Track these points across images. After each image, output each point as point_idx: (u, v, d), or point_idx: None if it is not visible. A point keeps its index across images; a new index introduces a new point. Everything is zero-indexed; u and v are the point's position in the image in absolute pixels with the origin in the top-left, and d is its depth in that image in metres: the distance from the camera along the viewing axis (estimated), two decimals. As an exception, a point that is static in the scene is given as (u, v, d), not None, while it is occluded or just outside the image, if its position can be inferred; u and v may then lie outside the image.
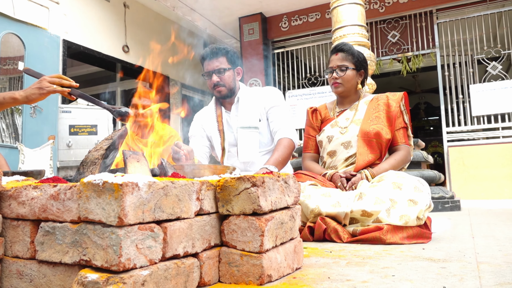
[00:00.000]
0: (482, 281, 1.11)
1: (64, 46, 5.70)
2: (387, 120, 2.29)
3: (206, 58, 2.50)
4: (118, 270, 0.86)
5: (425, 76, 9.79)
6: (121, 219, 0.86)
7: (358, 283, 1.12)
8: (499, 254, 1.51)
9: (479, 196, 5.94)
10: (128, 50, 7.07)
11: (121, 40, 6.97)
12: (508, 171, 5.86)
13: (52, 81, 1.79)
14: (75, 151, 5.47)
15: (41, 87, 1.79)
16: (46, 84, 1.79)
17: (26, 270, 1.00)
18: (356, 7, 4.44)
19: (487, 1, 6.37)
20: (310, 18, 7.42)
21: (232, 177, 1.17)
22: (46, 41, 5.36)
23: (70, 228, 0.94)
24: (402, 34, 6.85)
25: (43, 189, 0.99)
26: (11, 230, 1.04)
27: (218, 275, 1.16)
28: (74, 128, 5.47)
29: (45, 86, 1.79)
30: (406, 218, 1.83)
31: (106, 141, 1.43)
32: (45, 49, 5.34)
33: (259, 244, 1.11)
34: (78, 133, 5.49)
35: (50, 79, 1.80)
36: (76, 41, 5.98)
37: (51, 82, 1.79)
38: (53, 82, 1.79)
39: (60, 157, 5.34)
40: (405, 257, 1.50)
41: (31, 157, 4.41)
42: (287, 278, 1.20)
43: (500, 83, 6.12)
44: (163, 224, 0.98)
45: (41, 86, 1.79)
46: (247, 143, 2.51)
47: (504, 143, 5.96)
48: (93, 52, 6.36)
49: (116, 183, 0.87)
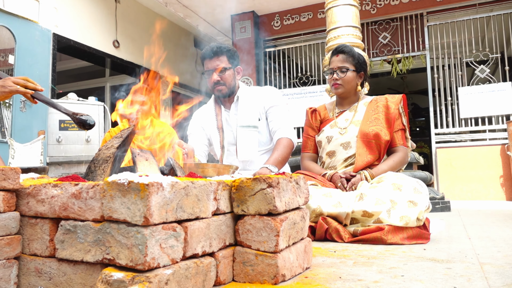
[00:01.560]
0: (489, 282, 1.14)
1: (54, 40, 5.63)
2: (386, 122, 2.33)
3: (207, 56, 2.50)
4: (143, 269, 0.87)
5: (413, 77, 9.92)
6: (146, 219, 0.87)
7: (370, 283, 1.15)
8: (499, 255, 1.55)
9: (465, 197, 6.06)
10: (118, 45, 7.01)
11: (111, 35, 6.90)
12: (493, 173, 5.99)
13: (16, 82, 1.76)
14: (65, 146, 5.40)
15: (4, 85, 1.75)
16: (9, 83, 1.76)
17: (45, 268, 1.00)
18: (351, 8, 4.48)
19: (476, 5, 6.48)
20: (302, 18, 7.45)
21: (247, 177, 1.18)
22: (37, 34, 5.28)
23: (93, 227, 0.94)
24: (393, 35, 6.93)
25: (64, 187, 0.99)
26: (29, 228, 1.04)
27: (232, 274, 1.18)
28: (64, 124, 5.40)
29: (8, 85, 1.75)
30: (406, 219, 1.87)
31: (116, 139, 1.42)
32: (36, 43, 5.26)
33: (274, 244, 1.13)
34: (68, 129, 5.42)
35: (15, 79, 1.77)
36: (66, 35, 5.90)
37: (15, 82, 1.75)
38: (17, 83, 1.76)
39: (50, 153, 5.27)
40: (408, 257, 1.53)
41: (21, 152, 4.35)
42: (299, 277, 1.22)
43: (487, 86, 6.24)
44: (184, 223, 0.99)
45: (3, 85, 1.75)
46: (247, 142, 2.52)
47: (490, 145, 6.08)
48: (83, 46, 6.29)
49: (142, 183, 0.88)
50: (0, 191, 0.99)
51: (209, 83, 2.52)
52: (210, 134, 2.64)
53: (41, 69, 5.36)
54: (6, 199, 1.00)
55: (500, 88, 6.15)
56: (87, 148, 5.54)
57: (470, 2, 6.49)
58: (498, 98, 6.15)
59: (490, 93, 6.20)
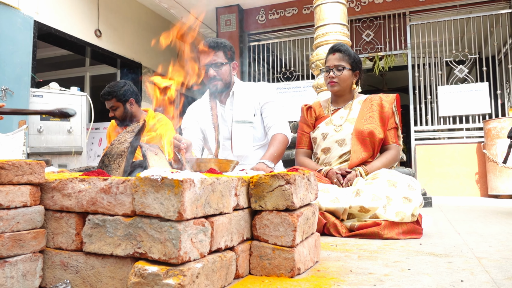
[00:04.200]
0: (491, 275, 1.21)
1: (35, 28, 5.49)
2: (380, 120, 2.40)
3: (204, 51, 2.51)
4: (177, 263, 0.89)
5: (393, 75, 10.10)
6: (180, 214, 0.89)
7: (381, 275, 1.20)
8: (492, 250, 1.63)
9: (443, 193, 6.25)
10: (100, 35, 6.88)
11: (93, 24, 6.78)
12: (469, 170, 6.20)
13: None
14: (46, 137, 5.30)
15: None
16: None
17: (71, 262, 1.01)
18: (339, 6, 4.54)
19: (457, 6, 6.66)
20: (287, 13, 7.48)
21: (265, 174, 1.21)
22: (19, 21, 5.14)
23: (123, 221, 0.96)
24: (376, 33, 7.04)
25: (92, 182, 1.00)
26: (53, 221, 1.04)
27: (248, 267, 1.21)
28: (45, 114, 5.29)
29: None
30: (402, 215, 1.94)
31: (128, 133, 1.43)
32: (18, 30, 5.12)
33: (291, 239, 1.17)
34: (50, 119, 5.31)
35: None
36: (47, 22, 5.77)
37: None
38: None
39: (31, 143, 5.16)
40: (408, 251, 1.60)
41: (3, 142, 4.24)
42: (311, 270, 1.27)
43: (466, 86, 6.43)
44: (210, 218, 1.02)
45: None
46: (242, 137, 2.55)
47: (467, 143, 6.28)
48: (64, 35, 6.16)
49: (176, 179, 0.90)
50: (27, 185, 0.99)
51: (206, 78, 2.53)
52: (205, 129, 2.66)
53: (23, 57, 5.23)
54: (32, 193, 1.00)
55: (478, 88, 6.36)
56: (69, 139, 5.45)
57: (451, 3, 6.67)
58: (475, 98, 6.35)
59: (468, 93, 6.40)
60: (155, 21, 7.92)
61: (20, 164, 0.97)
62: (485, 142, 5.93)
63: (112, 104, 3.13)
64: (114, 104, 3.13)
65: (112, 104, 3.13)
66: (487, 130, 5.89)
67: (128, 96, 3.16)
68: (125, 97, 3.15)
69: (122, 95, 3.13)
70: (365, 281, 1.14)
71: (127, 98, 3.16)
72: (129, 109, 3.18)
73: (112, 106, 3.14)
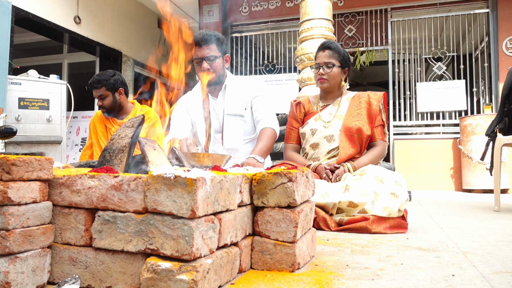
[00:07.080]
0: (479, 270, 1.28)
1: (12, 12, 5.34)
2: (368, 117, 2.46)
3: (197, 44, 2.51)
4: (189, 259, 0.92)
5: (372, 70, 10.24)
6: (193, 212, 0.92)
7: (377, 270, 1.26)
8: (475, 245, 1.72)
9: (419, 187, 6.43)
10: (79, 22, 6.74)
11: (73, 10, 6.64)
12: (445, 165, 6.39)
13: None
14: (24, 125, 5.18)
15: None
16: None
17: (80, 257, 1.02)
18: (325, 1, 4.58)
19: (437, 4, 6.79)
20: (270, 5, 7.49)
21: (268, 172, 1.24)
22: (-4, 6, 4.99)
23: (134, 218, 0.97)
24: (358, 29, 7.13)
25: (102, 179, 1.01)
26: (61, 217, 1.05)
27: (250, 262, 1.25)
28: (24, 102, 5.17)
29: None
30: (389, 210, 2.01)
31: (128, 128, 1.44)
32: (-5, 15, 4.97)
33: (293, 235, 1.21)
34: (29, 107, 5.19)
35: None
36: (25, 7, 5.63)
37: None
38: None
39: (8, 131, 5.03)
40: (397, 246, 1.67)
41: (-19, 130, 4.13)
42: (309, 265, 1.31)
43: (443, 83, 6.60)
44: (218, 215, 1.04)
45: None
46: (233, 130, 2.57)
47: (443, 139, 6.47)
48: (43, 20, 6.01)
49: (190, 178, 0.92)
50: (37, 181, 0.99)
51: (199, 71, 2.53)
52: (195, 121, 2.66)
53: (0, 43, 5.09)
54: (41, 189, 1.01)
55: (455, 85, 6.54)
56: (48, 128, 5.34)
57: (432, 1, 6.80)
58: (452, 95, 6.53)
59: (445, 90, 6.57)
60: (136, 8, 7.80)
61: (30, 161, 0.97)
62: (461, 138, 6.12)
63: (101, 92, 3.10)
64: (103, 93, 3.10)
65: (101, 93, 3.10)
66: (463, 127, 6.07)
67: (118, 86, 3.14)
68: (115, 86, 3.12)
69: (112, 84, 3.11)
70: (363, 276, 1.19)
71: (117, 87, 3.14)
72: (118, 99, 3.16)
73: (101, 95, 3.11)
